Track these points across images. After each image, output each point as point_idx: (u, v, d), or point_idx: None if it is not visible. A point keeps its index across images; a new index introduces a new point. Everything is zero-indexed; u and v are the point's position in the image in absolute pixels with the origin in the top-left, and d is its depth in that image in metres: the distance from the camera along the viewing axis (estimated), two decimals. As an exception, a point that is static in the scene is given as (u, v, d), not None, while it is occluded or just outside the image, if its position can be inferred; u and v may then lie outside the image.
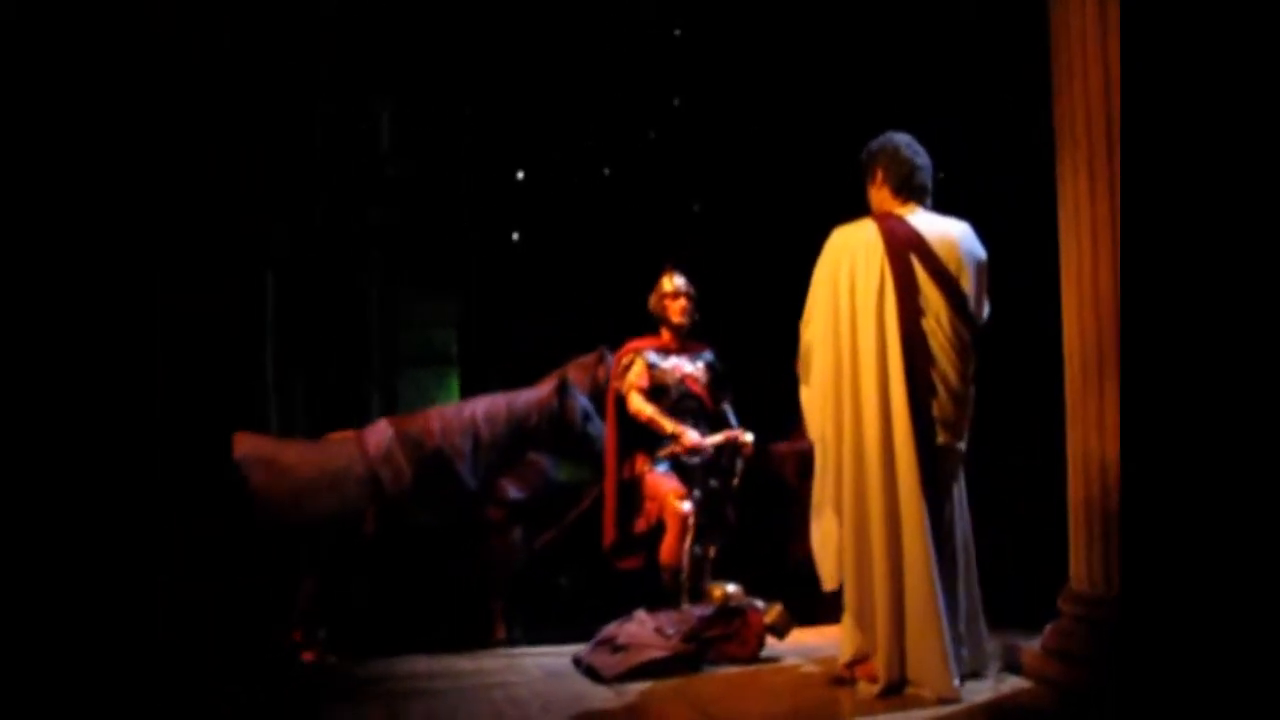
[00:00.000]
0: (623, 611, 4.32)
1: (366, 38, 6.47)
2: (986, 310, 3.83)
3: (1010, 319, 4.19)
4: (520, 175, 7.03)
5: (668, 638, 3.99)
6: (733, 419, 5.04)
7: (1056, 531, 3.78)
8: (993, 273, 3.86)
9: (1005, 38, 4.97)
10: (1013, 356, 4.71)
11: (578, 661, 4.11)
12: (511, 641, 5.16)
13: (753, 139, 6.57)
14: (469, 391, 6.44)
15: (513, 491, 5.35)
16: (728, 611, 4.11)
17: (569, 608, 5.57)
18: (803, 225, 4.03)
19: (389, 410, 6.45)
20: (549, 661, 4.30)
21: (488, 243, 7.06)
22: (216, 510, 4.54)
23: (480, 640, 5.08)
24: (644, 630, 4.05)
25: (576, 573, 5.69)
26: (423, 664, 4.30)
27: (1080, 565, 3.66)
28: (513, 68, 6.78)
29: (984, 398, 3.89)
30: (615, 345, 5.24)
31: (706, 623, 4.07)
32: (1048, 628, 3.71)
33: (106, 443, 2.96)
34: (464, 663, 4.34)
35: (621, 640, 4.00)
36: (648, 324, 5.13)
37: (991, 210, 4.95)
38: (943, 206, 3.94)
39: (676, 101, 7.04)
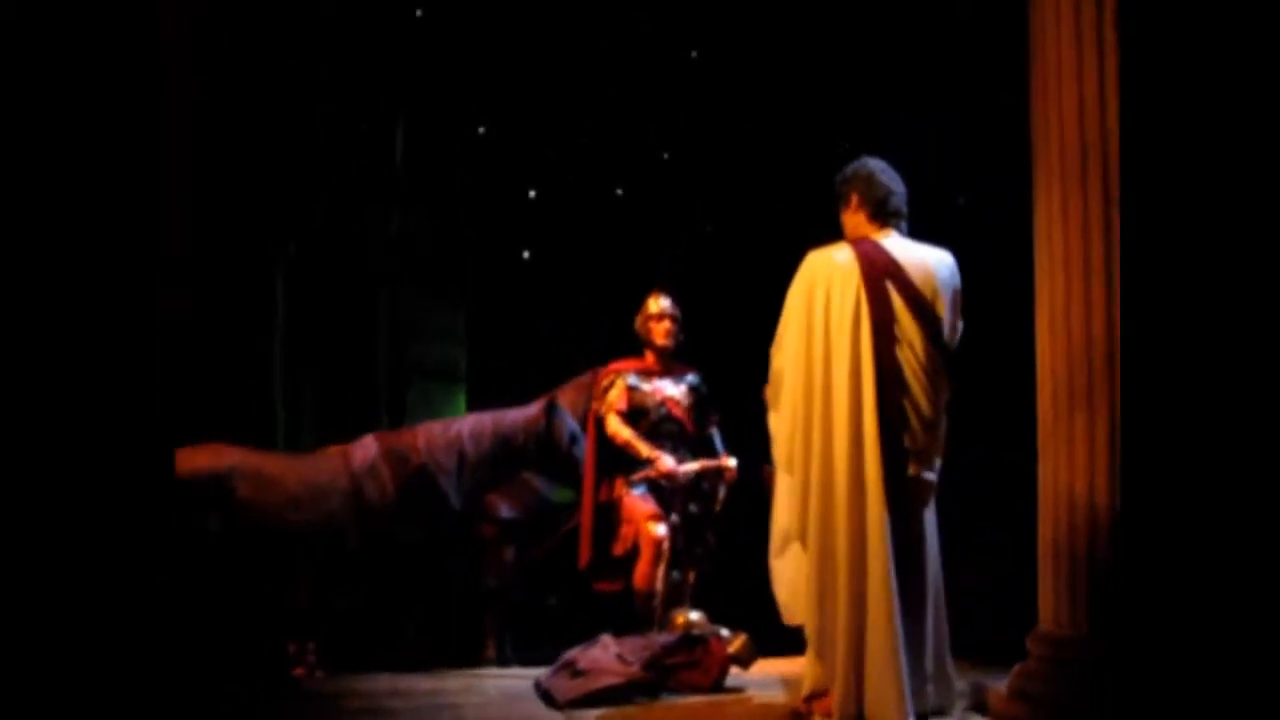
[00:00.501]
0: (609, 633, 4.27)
1: (379, 50, 6.51)
2: (959, 335, 3.75)
3: (1003, 318, 4.11)
4: (532, 194, 7.02)
5: (628, 664, 3.93)
6: (719, 443, 4.98)
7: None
8: (987, 272, 3.79)
9: (1001, 34, 4.87)
10: (1003, 358, 4.61)
11: (538, 685, 4.06)
12: (502, 660, 5.14)
13: (757, 154, 6.51)
14: (477, 406, 6.44)
15: (505, 510, 5.35)
16: (689, 639, 4.04)
17: (561, 627, 5.53)
18: (803, 244, 3.95)
19: (397, 424, 6.47)
20: (511, 684, 4.27)
21: (498, 258, 7.05)
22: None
23: (471, 658, 5.06)
24: (605, 656, 4.00)
25: (565, 593, 5.64)
26: (384, 682, 4.29)
27: (1048, 604, 3.56)
28: (528, 85, 6.78)
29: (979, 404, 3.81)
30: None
31: (668, 650, 4.00)
32: (1015, 668, 3.61)
33: (106, 443, 2.98)
34: (425, 682, 4.33)
35: (581, 665, 3.95)
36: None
37: (985, 207, 4.87)
38: (941, 206, 3.87)
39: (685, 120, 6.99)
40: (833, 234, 3.85)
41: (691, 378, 5.00)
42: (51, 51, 2.93)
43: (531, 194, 7.03)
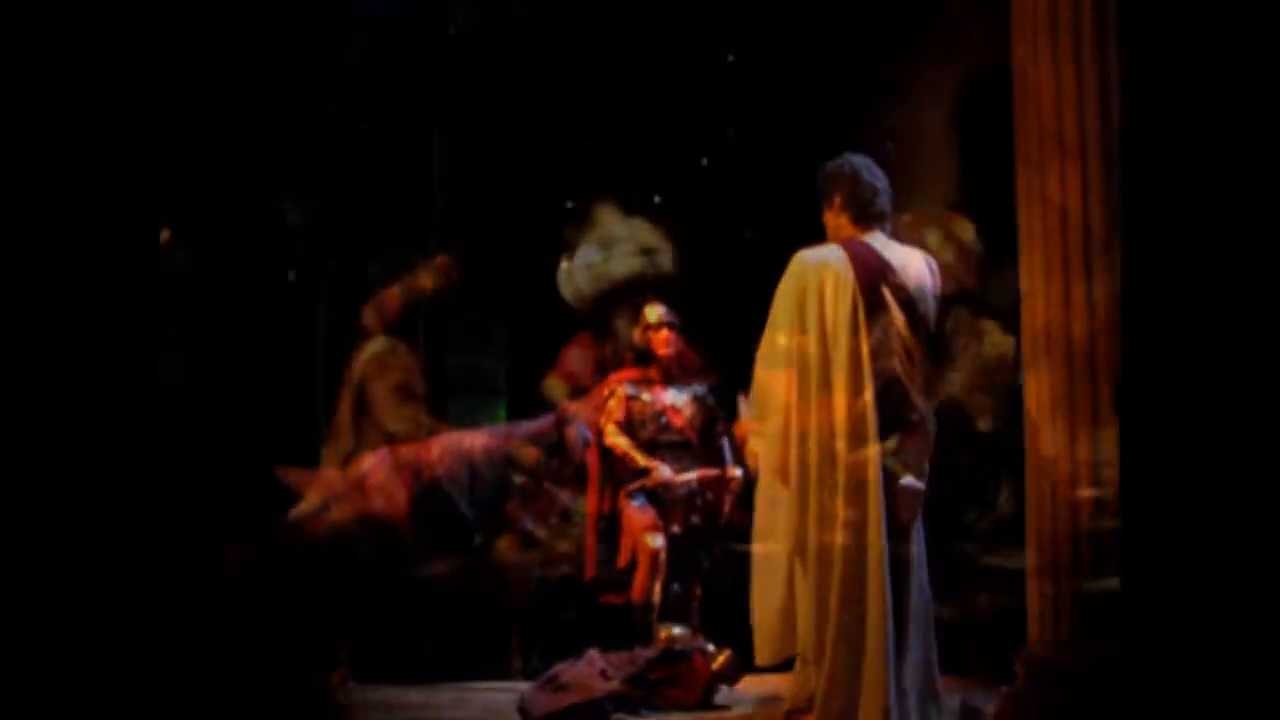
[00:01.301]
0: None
1: (417, 64, 6.57)
2: None
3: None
4: (569, 205, 7.00)
5: (609, 679, 3.86)
6: (728, 454, 4.86)
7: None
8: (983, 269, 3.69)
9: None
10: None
11: (520, 699, 4.01)
12: (529, 671, 5.11)
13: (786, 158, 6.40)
14: (515, 420, 6.44)
15: (527, 522, 5.33)
16: (671, 655, 3.95)
17: (581, 639, 5.48)
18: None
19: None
20: (500, 697, 4.24)
21: (539, 269, 7.05)
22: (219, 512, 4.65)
23: (497, 669, 5.04)
24: (590, 670, 3.94)
25: (580, 606, 5.59)
26: (377, 693, 4.29)
27: (1035, 625, 3.41)
28: (563, 96, 6.78)
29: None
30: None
31: (650, 665, 3.91)
32: (1001, 690, 3.46)
33: (107, 443, 3.04)
34: (415, 695, 4.32)
35: (563, 680, 3.90)
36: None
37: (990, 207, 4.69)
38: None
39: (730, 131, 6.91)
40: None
41: (698, 387, 4.92)
42: (51, 51, 2.99)
43: (569, 205, 7.01)
